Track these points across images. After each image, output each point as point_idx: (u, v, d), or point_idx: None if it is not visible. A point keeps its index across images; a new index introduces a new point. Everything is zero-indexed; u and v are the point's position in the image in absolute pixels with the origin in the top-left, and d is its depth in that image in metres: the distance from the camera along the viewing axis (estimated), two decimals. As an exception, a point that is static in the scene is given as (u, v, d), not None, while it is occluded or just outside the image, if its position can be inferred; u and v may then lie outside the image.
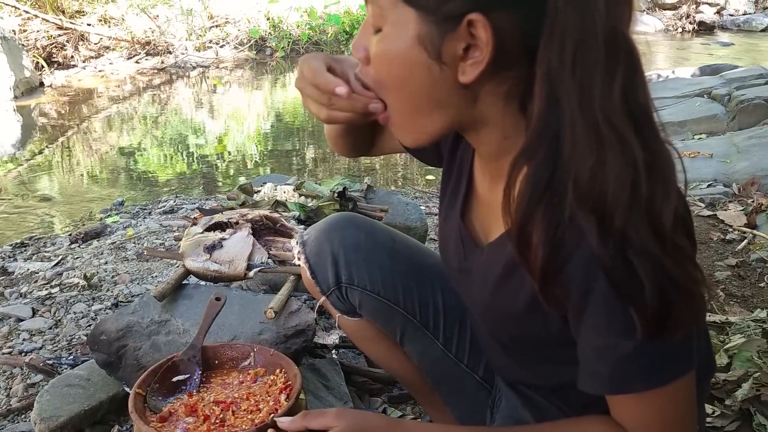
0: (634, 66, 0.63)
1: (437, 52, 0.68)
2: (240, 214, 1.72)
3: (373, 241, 1.09)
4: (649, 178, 0.62)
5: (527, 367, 0.92)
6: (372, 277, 1.07)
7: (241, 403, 1.05)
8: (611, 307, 0.66)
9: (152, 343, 1.40)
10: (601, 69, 0.62)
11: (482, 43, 0.66)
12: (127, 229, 2.88)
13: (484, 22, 0.64)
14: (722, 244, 2.44)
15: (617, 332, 0.67)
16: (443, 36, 0.67)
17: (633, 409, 0.73)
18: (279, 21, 8.86)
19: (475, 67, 0.68)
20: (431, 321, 1.09)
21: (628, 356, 0.68)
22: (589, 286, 0.67)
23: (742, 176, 3.21)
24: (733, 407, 1.42)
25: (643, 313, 0.64)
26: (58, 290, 2.15)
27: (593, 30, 0.61)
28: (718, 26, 12.19)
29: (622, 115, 0.62)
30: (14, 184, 4.20)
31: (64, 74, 7.48)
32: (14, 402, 1.56)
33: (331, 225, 1.11)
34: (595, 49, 0.62)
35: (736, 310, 1.93)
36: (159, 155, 4.91)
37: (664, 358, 0.69)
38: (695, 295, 0.65)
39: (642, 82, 0.64)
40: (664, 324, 0.65)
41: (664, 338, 0.66)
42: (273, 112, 6.51)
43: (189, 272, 1.58)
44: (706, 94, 5.16)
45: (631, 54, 0.63)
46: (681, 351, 0.70)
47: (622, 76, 0.62)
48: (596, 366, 0.71)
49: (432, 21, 0.67)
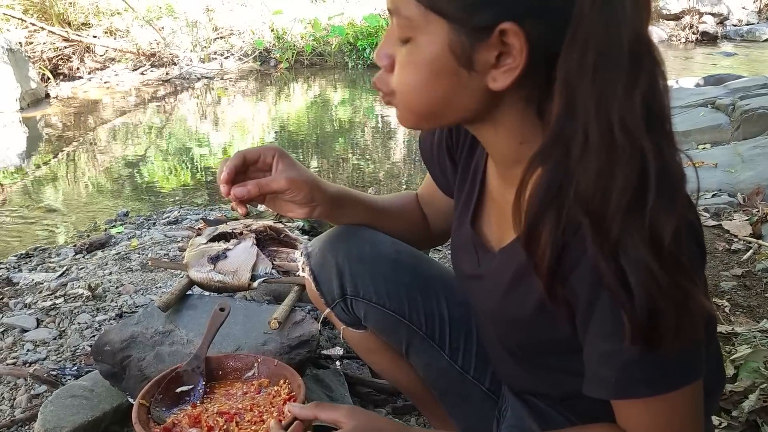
0: (656, 72, 0.64)
1: (468, 60, 0.69)
2: (244, 225, 1.73)
3: (378, 252, 1.08)
4: (657, 187, 0.62)
5: (535, 376, 0.91)
6: (377, 289, 1.06)
7: (245, 414, 1.05)
8: (618, 313, 0.66)
9: (156, 354, 1.40)
10: (623, 75, 0.62)
11: (516, 51, 0.67)
12: (131, 240, 2.89)
13: (516, 31, 0.66)
14: (728, 254, 2.43)
15: (623, 338, 0.67)
16: (474, 45, 0.68)
17: (638, 415, 0.72)
18: (283, 32, 8.91)
19: (508, 74, 0.69)
20: (437, 332, 1.09)
21: (634, 362, 0.68)
22: (597, 292, 0.67)
23: (746, 186, 3.20)
24: (740, 418, 1.41)
25: (631, 321, 0.64)
26: (62, 301, 2.16)
27: (617, 36, 0.62)
28: (721, 36, 12.21)
29: (640, 121, 0.62)
30: (20, 194, 4.22)
31: (70, 86, 7.53)
32: (18, 413, 1.56)
33: (336, 236, 1.11)
34: (618, 55, 0.62)
35: (742, 320, 1.92)
36: (163, 166, 4.93)
37: (670, 365, 0.68)
38: (688, 309, 0.64)
39: (662, 89, 0.64)
40: (652, 334, 0.64)
41: (661, 349, 0.65)
42: (277, 122, 6.53)
43: (193, 283, 1.58)
44: (710, 104, 5.16)
45: (654, 60, 0.64)
46: (689, 359, 0.69)
47: (645, 83, 0.63)
48: (602, 371, 0.71)
49: (463, 31, 0.68)
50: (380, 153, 5.24)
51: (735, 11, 13.03)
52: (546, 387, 0.91)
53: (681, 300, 0.64)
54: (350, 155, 5.19)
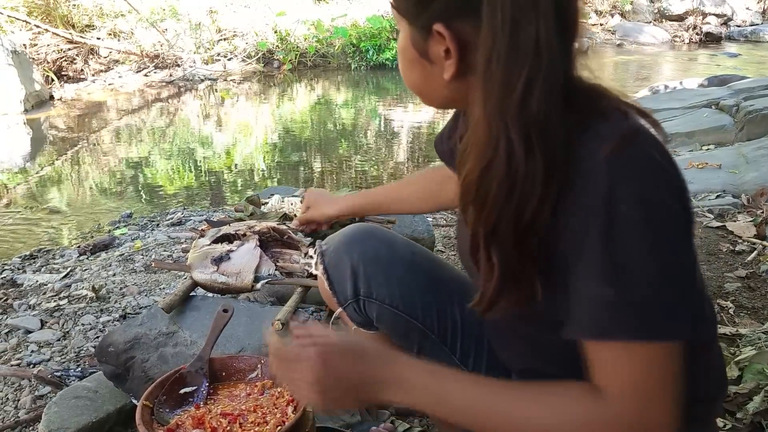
0: (550, 78, 0.69)
1: (425, 53, 0.78)
2: (247, 226, 1.73)
3: (393, 254, 1.08)
4: (524, 185, 0.69)
5: (541, 357, 0.91)
6: (391, 291, 1.06)
7: (249, 416, 1.05)
8: (599, 256, 0.69)
9: (160, 355, 1.40)
10: (515, 79, 0.68)
11: (452, 48, 0.75)
12: (135, 241, 2.90)
13: (444, 31, 0.74)
14: (732, 256, 2.43)
15: (601, 279, 0.68)
16: (425, 40, 0.77)
17: (611, 364, 0.71)
18: (286, 34, 8.93)
19: (450, 66, 0.76)
20: (449, 336, 1.08)
21: (607, 303, 0.68)
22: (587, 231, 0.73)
23: (750, 187, 3.19)
24: (745, 420, 1.40)
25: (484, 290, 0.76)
26: (66, 302, 2.16)
27: (515, 42, 0.68)
28: (725, 37, 12.18)
29: (518, 124, 0.69)
30: (24, 196, 4.23)
31: (74, 87, 7.56)
32: (22, 414, 1.56)
33: (351, 236, 1.11)
34: (512, 57, 0.68)
35: (746, 321, 1.91)
36: (167, 168, 4.94)
37: (645, 314, 0.68)
38: (521, 281, 0.76)
39: (550, 94, 0.69)
40: (496, 301, 0.77)
41: (634, 292, 0.68)
42: (280, 124, 6.54)
43: (196, 284, 1.58)
44: (714, 105, 5.16)
45: (551, 64, 0.68)
46: (667, 313, 0.69)
47: (538, 89, 0.68)
48: (577, 312, 0.72)
49: (415, 28, 0.78)
50: (384, 154, 5.24)
51: (739, 12, 13.00)
52: (553, 368, 0.90)
53: (519, 274, 0.75)
54: (353, 156, 5.19)
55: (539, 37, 0.68)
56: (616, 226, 0.67)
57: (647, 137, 0.71)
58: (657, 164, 0.69)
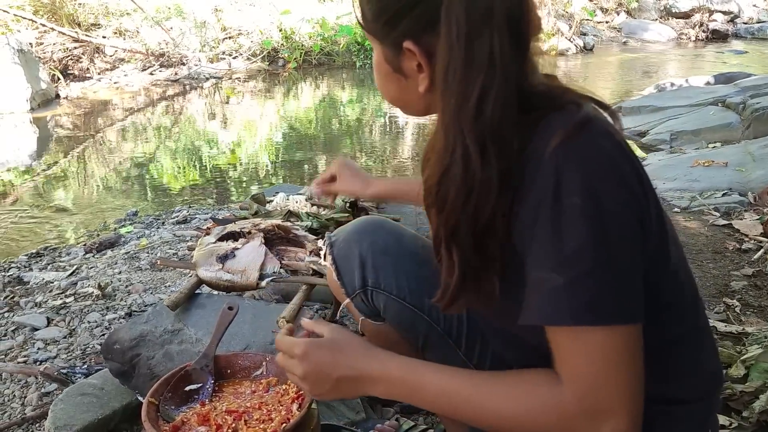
0: (505, 87, 0.71)
1: (399, 68, 0.82)
2: (252, 224, 1.73)
3: (402, 246, 1.09)
4: (480, 190, 0.72)
5: (535, 353, 0.91)
6: (398, 283, 1.07)
7: (254, 413, 1.05)
8: (549, 242, 0.71)
9: (165, 353, 1.40)
10: (471, 89, 0.71)
11: (423, 63, 0.78)
12: (140, 239, 2.91)
13: (414, 48, 0.77)
14: (738, 254, 2.42)
15: (548, 267, 0.70)
16: (397, 57, 0.80)
17: (564, 349, 0.72)
18: (291, 32, 8.93)
19: (424, 80, 0.79)
20: (454, 329, 1.09)
21: (557, 289, 0.69)
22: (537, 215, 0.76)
23: (757, 185, 3.18)
24: (751, 419, 1.40)
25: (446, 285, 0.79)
26: (72, 300, 2.17)
27: (470, 54, 0.71)
28: (731, 34, 12.13)
29: (474, 132, 0.71)
30: (30, 194, 4.25)
31: (80, 86, 7.58)
32: (29, 411, 1.57)
33: (361, 228, 1.12)
34: (468, 68, 0.71)
35: (753, 320, 1.90)
36: (172, 166, 4.95)
37: (592, 300, 0.69)
38: (481, 280, 0.79)
39: (504, 102, 0.71)
40: (457, 297, 0.80)
41: (583, 278, 0.70)
42: (285, 122, 6.54)
43: (202, 282, 1.59)
44: (720, 103, 5.13)
45: (505, 74, 0.71)
46: (613, 299, 0.70)
47: (492, 98, 0.71)
48: (530, 299, 0.73)
49: (386, 46, 0.81)
50: (388, 152, 5.24)
51: (746, 9, 12.94)
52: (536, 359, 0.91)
53: (480, 274, 0.78)
54: (358, 154, 5.19)
55: (493, 50, 0.70)
56: (562, 216, 0.69)
57: (598, 127, 0.73)
58: (605, 153, 0.71)
